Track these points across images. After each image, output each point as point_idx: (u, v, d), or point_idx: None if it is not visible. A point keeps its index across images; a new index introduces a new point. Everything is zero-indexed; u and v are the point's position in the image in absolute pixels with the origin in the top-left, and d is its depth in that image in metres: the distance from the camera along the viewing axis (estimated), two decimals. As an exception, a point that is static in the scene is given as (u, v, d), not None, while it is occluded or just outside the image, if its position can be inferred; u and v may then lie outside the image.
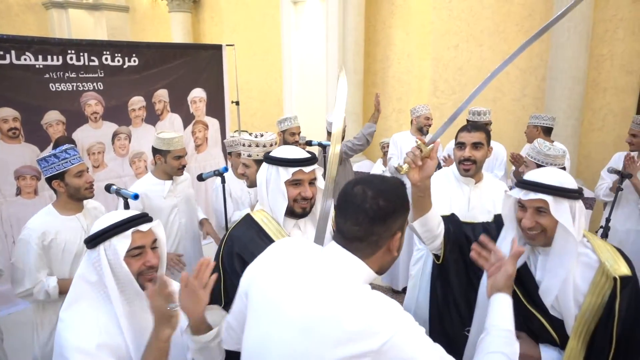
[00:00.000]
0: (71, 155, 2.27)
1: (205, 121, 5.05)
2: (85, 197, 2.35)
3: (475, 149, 2.24)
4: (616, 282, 1.45)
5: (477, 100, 5.94)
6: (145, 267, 1.45)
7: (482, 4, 5.76)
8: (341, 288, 1.06)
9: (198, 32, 9.18)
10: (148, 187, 2.89)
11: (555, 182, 1.49)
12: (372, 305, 1.02)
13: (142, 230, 1.45)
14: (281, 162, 1.74)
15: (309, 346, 1.01)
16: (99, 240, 1.42)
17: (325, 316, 1.02)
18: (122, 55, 4.17)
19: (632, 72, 4.99)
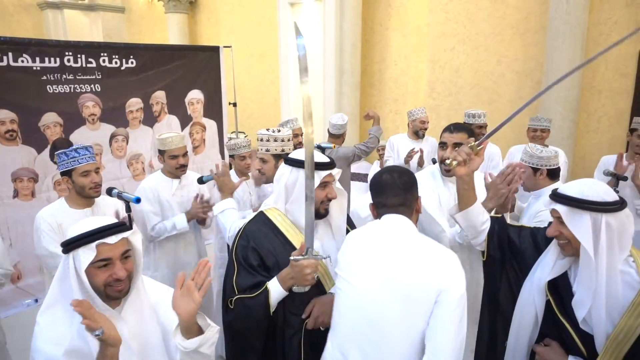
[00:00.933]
0: (80, 155, 2.36)
1: (202, 123, 5.05)
2: (90, 196, 2.44)
3: (456, 149, 2.20)
4: None
5: (473, 102, 6.00)
6: (112, 279, 1.40)
7: (478, 7, 5.79)
8: (418, 240, 1.55)
9: (195, 34, 9.17)
10: (158, 183, 2.97)
11: (575, 193, 1.48)
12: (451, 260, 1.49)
13: (109, 242, 1.39)
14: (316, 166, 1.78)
15: (409, 284, 1.45)
16: (69, 248, 1.39)
17: (420, 262, 1.47)
18: (119, 57, 4.16)
19: (626, 75, 5.04)
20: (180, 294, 1.41)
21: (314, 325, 1.74)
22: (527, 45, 5.55)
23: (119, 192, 2.31)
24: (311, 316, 1.75)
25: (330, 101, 6.50)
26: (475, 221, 1.82)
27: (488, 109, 5.86)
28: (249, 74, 8.02)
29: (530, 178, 2.54)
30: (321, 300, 1.77)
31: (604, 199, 1.45)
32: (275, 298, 1.67)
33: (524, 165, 2.54)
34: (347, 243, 1.66)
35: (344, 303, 1.56)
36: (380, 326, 1.45)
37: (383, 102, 6.81)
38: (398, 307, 1.43)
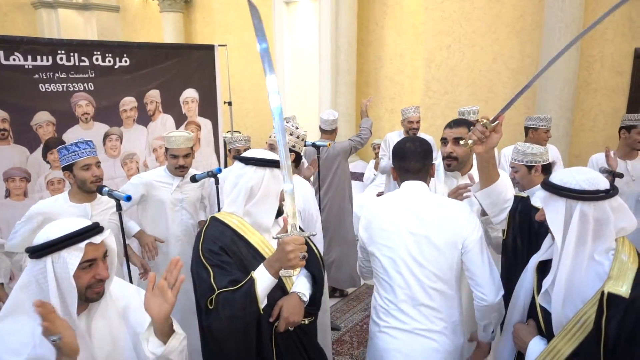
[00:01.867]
0: (80, 149, 2.39)
1: (197, 122, 5.01)
2: (92, 190, 2.44)
3: (455, 144, 2.25)
4: (602, 296, 1.39)
5: (469, 100, 5.99)
6: (95, 279, 1.38)
7: (473, 5, 5.79)
8: (436, 201, 1.85)
9: (190, 32, 9.13)
10: (157, 178, 2.97)
11: (556, 179, 1.48)
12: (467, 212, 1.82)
13: (95, 242, 1.37)
14: (268, 163, 1.75)
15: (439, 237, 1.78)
16: (47, 252, 1.33)
17: (443, 219, 1.79)
18: (113, 55, 4.12)
19: (621, 73, 5.05)
20: (152, 294, 1.36)
21: (285, 326, 1.69)
22: (522, 44, 5.55)
23: (109, 191, 2.30)
24: (281, 318, 1.69)
25: (326, 100, 6.48)
26: (497, 199, 1.84)
27: (484, 107, 5.86)
28: (245, 72, 7.99)
29: (526, 176, 2.54)
30: (287, 300, 1.72)
31: (582, 187, 1.42)
32: (264, 287, 1.53)
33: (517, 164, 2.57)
34: (371, 215, 1.91)
35: (390, 265, 1.83)
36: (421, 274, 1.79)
37: (379, 101, 6.80)
38: (433, 257, 1.78)
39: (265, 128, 7.90)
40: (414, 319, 1.80)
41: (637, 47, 4.91)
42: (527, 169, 2.53)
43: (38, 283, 1.34)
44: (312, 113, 6.76)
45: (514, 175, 2.58)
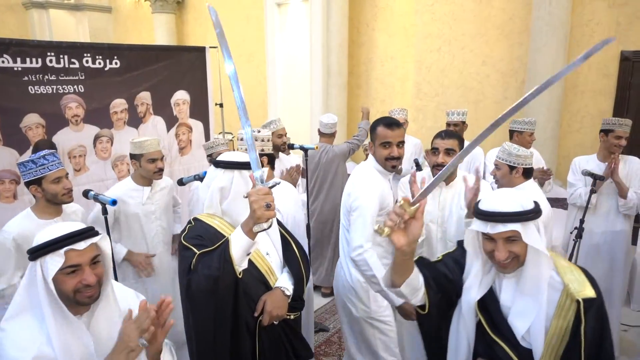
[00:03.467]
0: (49, 162, 2.26)
1: (189, 123, 5.02)
2: (64, 202, 2.36)
3: (447, 155, 2.33)
4: (579, 305, 1.42)
5: (459, 102, 6.04)
6: (81, 284, 1.39)
7: (463, 8, 5.84)
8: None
9: (182, 33, 9.13)
10: (126, 192, 2.87)
11: (518, 207, 1.44)
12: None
13: (77, 248, 1.38)
14: (241, 166, 1.82)
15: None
16: (36, 255, 1.38)
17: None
18: (103, 57, 4.12)
19: (608, 76, 5.12)
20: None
21: (268, 320, 1.76)
22: (511, 46, 5.61)
23: (95, 195, 2.30)
24: (265, 312, 1.76)
25: (318, 102, 6.51)
26: (415, 283, 1.56)
27: (474, 109, 5.93)
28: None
29: (506, 176, 2.59)
30: (271, 295, 1.80)
31: (533, 205, 1.46)
32: (239, 247, 1.53)
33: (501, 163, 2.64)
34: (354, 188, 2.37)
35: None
36: None
37: (370, 103, 6.83)
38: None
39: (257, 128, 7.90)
40: None
41: (624, 50, 4.98)
42: (509, 169, 2.59)
43: (32, 284, 1.39)
44: (304, 115, 6.79)
45: (495, 173, 2.64)
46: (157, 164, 2.84)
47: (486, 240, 1.48)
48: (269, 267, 1.86)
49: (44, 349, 1.34)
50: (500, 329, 1.50)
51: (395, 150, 2.31)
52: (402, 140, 2.34)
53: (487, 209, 1.46)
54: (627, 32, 4.95)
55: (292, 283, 1.87)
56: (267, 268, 1.85)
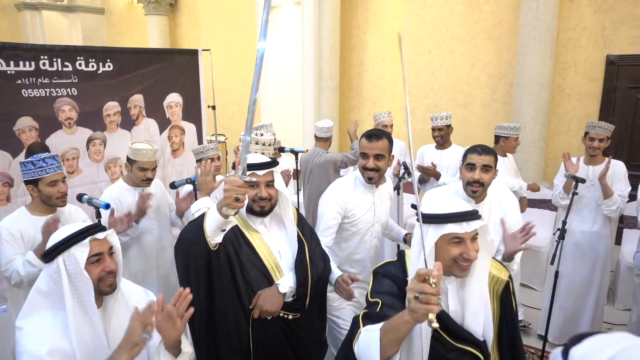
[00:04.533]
0: (47, 165, 2.35)
1: (181, 126, 5.07)
2: (57, 205, 2.42)
3: (484, 172, 2.19)
4: (508, 285, 1.58)
5: (448, 105, 6.10)
6: (104, 272, 1.50)
7: (452, 12, 5.93)
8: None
9: (175, 35, 9.16)
10: (120, 192, 2.94)
11: (466, 207, 1.47)
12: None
13: (99, 238, 1.50)
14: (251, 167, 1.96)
15: None
16: (58, 252, 1.46)
17: None
18: (96, 60, 4.16)
19: (594, 79, 5.22)
20: (162, 317, 1.45)
21: (258, 314, 1.85)
22: (500, 50, 5.70)
23: (89, 199, 2.34)
24: (256, 306, 1.85)
25: (309, 104, 6.57)
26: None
27: (463, 111, 6.02)
28: (230, 76, 8.04)
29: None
30: (266, 290, 1.88)
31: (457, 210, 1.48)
32: (211, 221, 1.67)
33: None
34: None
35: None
36: None
37: (362, 105, 6.91)
38: None
39: (250, 131, 7.95)
40: None
41: (609, 54, 5.09)
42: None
43: (55, 283, 1.47)
44: (296, 117, 6.84)
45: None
46: (146, 174, 2.88)
47: (454, 245, 1.45)
48: (276, 264, 1.95)
49: (60, 343, 1.42)
50: (462, 335, 1.48)
51: (370, 161, 2.30)
52: (380, 154, 2.29)
53: (455, 210, 1.45)
54: (612, 36, 5.05)
55: (293, 283, 1.93)
56: (273, 264, 1.94)
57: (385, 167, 2.34)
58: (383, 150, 2.30)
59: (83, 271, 1.45)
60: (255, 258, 1.92)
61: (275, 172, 1.98)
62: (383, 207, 2.48)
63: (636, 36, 4.93)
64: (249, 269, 1.89)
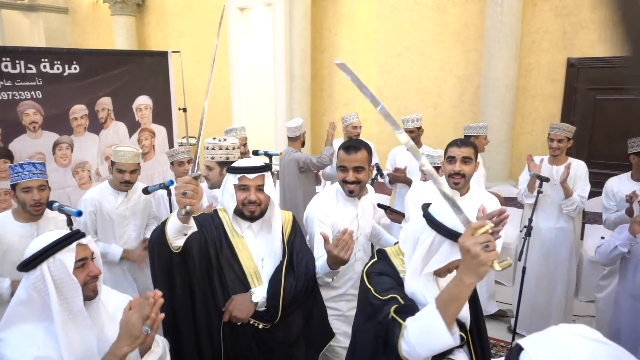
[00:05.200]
0: (24, 170, 2.35)
1: (151, 129, 4.99)
2: (31, 213, 2.41)
3: (464, 163, 2.30)
4: None
5: (418, 106, 6.21)
6: (89, 277, 1.50)
7: (421, 15, 6.05)
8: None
9: (143, 36, 8.98)
10: (102, 194, 2.94)
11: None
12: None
13: (83, 243, 1.51)
14: (231, 170, 1.98)
15: None
16: (41, 259, 1.44)
17: None
18: (61, 62, 4.05)
19: (556, 81, 5.43)
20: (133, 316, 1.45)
21: (227, 318, 1.87)
22: (467, 52, 5.85)
23: (60, 206, 2.29)
24: (226, 311, 1.87)
25: (281, 106, 6.57)
26: None
27: (433, 112, 6.14)
28: (200, 78, 7.95)
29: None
30: (239, 296, 1.89)
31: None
32: (171, 225, 1.70)
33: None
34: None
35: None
36: None
37: (334, 106, 6.96)
38: None
39: (220, 133, 7.87)
40: None
41: (569, 57, 5.30)
42: (435, 170, 2.81)
43: (38, 291, 1.44)
44: (268, 119, 6.83)
45: (424, 177, 2.82)
46: (123, 176, 2.88)
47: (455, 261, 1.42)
48: (256, 271, 1.95)
49: (45, 351, 1.40)
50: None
51: (350, 174, 2.18)
52: (359, 166, 2.18)
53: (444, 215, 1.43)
54: (572, 40, 5.26)
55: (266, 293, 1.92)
56: (253, 271, 1.94)
57: (366, 178, 2.24)
58: (362, 162, 2.18)
59: (71, 275, 1.44)
60: (235, 262, 1.92)
61: (267, 176, 1.98)
62: (366, 219, 2.40)
63: (594, 40, 5.16)
64: (226, 272, 1.89)
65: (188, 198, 1.58)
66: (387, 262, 1.64)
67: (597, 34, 5.14)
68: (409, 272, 1.52)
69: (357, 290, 2.31)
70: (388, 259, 1.65)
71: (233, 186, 1.95)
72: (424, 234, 1.47)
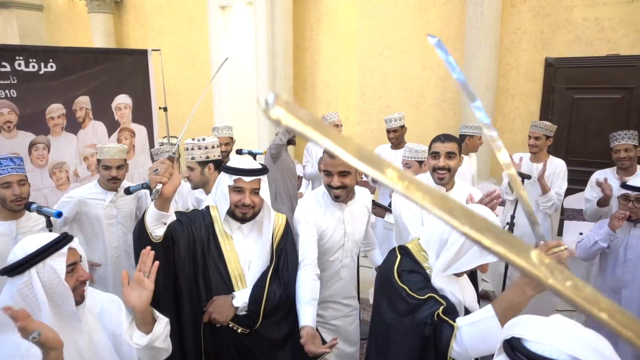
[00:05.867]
0: (2, 165, 2.31)
1: (131, 128, 4.89)
2: (12, 209, 2.34)
3: (448, 158, 2.29)
4: None
5: (400, 105, 6.25)
6: (78, 282, 1.47)
7: (402, 15, 6.08)
8: None
9: (121, 34, 8.82)
10: (90, 195, 2.87)
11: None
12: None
13: (74, 247, 1.48)
14: (227, 170, 1.93)
15: None
16: (30, 264, 1.39)
17: None
18: (37, 60, 3.94)
19: (535, 80, 5.52)
20: (129, 288, 1.46)
21: (207, 318, 1.86)
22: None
23: (39, 207, 2.23)
24: (206, 311, 1.86)
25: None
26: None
27: (415, 112, 6.19)
28: (180, 77, 7.85)
29: (417, 171, 2.98)
30: (220, 298, 1.88)
31: None
32: (149, 214, 1.72)
33: (411, 161, 2.98)
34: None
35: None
36: None
37: (316, 106, 6.95)
38: None
39: (202, 133, 7.78)
40: None
41: (547, 57, 5.40)
42: (418, 164, 3.02)
43: (24, 297, 1.38)
44: (250, 118, 6.78)
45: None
46: (110, 172, 2.82)
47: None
48: (241, 274, 1.91)
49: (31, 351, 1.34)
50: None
51: (335, 179, 2.08)
52: (344, 170, 2.07)
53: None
54: (550, 40, 5.37)
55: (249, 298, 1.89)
56: (237, 274, 1.91)
57: (352, 182, 2.13)
58: (347, 166, 2.00)
59: (62, 281, 1.39)
60: (221, 263, 1.90)
61: (263, 180, 1.93)
62: (355, 225, 2.28)
63: (571, 40, 5.27)
64: (211, 272, 1.87)
65: (159, 175, 1.59)
66: (411, 258, 1.66)
67: (574, 34, 5.26)
68: (435, 272, 1.57)
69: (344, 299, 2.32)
70: (411, 254, 1.67)
71: (227, 187, 1.90)
72: (452, 237, 1.50)
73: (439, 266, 1.54)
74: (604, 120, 5.18)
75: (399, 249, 1.71)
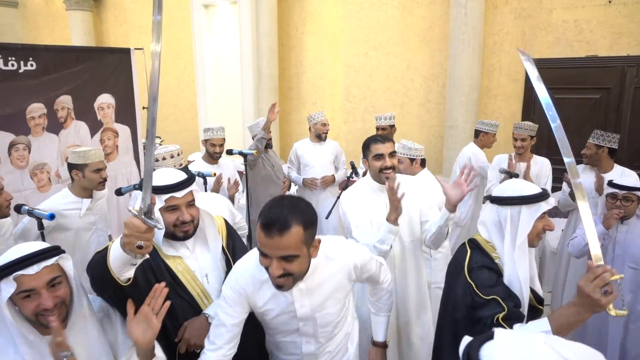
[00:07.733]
0: None
1: (114, 128, 4.80)
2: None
3: (392, 157, 2.34)
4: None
5: (385, 105, 6.28)
6: (40, 309, 1.31)
7: (387, 15, 6.12)
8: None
9: (101, 33, 8.65)
10: (64, 205, 2.73)
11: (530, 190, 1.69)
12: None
13: (28, 273, 1.30)
14: (155, 191, 1.64)
15: None
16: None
17: None
18: (16, 58, 3.83)
19: (517, 80, 5.63)
20: (135, 320, 1.38)
21: (185, 348, 1.69)
22: (432, 52, 5.97)
23: (30, 209, 2.16)
24: (182, 340, 1.69)
25: (249, 105, 6.49)
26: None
27: (400, 111, 6.23)
28: (163, 76, 7.73)
29: (409, 167, 3.11)
30: (193, 322, 1.71)
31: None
32: (114, 256, 1.41)
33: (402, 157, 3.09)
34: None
35: None
36: None
37: (301, 105, 6.94)
38: None
39: (186, 132, 7.72)
40: None
41: (529, 58, 5.50)
42: (410, 161, 3.14)
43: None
44: (235, 118, 6.73)
45: (399, 167, 2.97)
46: (101, 174, 2.76)
47: (539, 220, 1.64)
48: (203, 291, 1.76)
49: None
50: (537, 298, 1.73)
51: (274, 266, 1.67)
52: (290, 255, 1.49)
53: (538, 190, 1.65)
54: (531, 41, 5.47)
55: None
56: (200, 291, 1.76)
57: (299, 269, 1.49)
58: (291, 248, 1.42)
59: (4, 310, 1.28)
60: (178, 286, 1.71)
61: (195, 190, 1.75)
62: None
63: (551, 41, 5.38)
64: (171, 298, 1.59)
65: (144, 249, 1.32)
66: (481, 250, 1.73)
67: (554, 36, 5.37)
68: (506, 253, 1.65)
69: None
70: (480, 246, 1.74)
71: (158, 210, 1.64)
72: (502, 214, 1.66)
73: (509, 242, 1.64)
74: (584, 120, 5.30)
75: (468, 243, 1.78)
